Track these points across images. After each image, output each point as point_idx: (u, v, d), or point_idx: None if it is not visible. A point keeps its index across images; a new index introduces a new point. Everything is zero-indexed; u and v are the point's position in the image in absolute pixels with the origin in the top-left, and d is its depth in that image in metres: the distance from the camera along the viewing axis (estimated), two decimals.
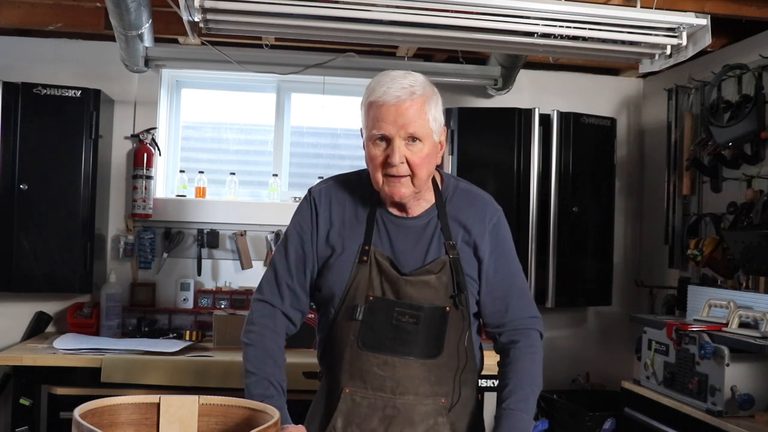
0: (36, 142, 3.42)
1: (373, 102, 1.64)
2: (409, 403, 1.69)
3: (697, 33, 2.75)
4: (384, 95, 1.62)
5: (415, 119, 1.62)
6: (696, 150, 3.64)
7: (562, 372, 4.09)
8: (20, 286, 3.45)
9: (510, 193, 3.74)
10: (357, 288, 1.70)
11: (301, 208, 1.81)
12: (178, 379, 3.03)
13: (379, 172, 1.66)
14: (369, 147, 1.66)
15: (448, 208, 1.76)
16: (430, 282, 1.69)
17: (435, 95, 1.69)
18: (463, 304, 1.71)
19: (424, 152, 1.65)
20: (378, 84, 1.64)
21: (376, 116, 1.63)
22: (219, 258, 3.93)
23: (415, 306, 1.68)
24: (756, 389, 2.69)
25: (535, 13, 2.66)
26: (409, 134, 1.62)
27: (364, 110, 1.67)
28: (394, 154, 1.62)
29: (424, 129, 1.64)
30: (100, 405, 1.25)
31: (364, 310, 1.68)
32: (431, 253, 1.72)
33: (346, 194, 1.79)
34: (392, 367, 1.69)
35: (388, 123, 1.62)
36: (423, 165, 1.65)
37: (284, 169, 4.18)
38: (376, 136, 1.63)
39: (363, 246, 1.71)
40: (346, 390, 1.71)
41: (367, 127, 1.66)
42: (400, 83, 1.63)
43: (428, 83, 1.69)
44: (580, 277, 3.85)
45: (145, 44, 3.44)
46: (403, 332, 1.68)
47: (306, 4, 2.59)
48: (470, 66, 3.89)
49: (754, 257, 2.99)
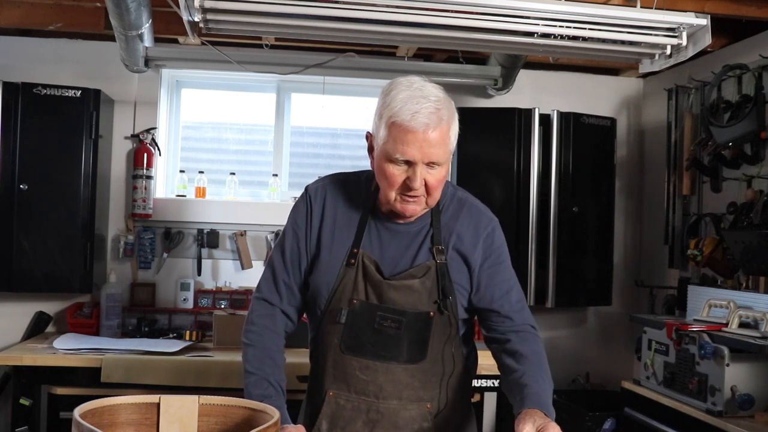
0: (36, 142, 3.42)
1: (398, 124, 1.57)
2: (393, 407, 1.68)
3: (697, 33, 2.75)
4: (412, 120, 1.55)
5: (440, 146, 1.59)
6: (696, 150, 3.64)
7: (562, 372, 4.08)
8: (20, 286, 3.45)
9: (510, 193, 3.74)
10: (342, 291, 1.69)
11: (297, 206, 1.80)
12: (178, 379, 3.03)
13: (393, 191, 1.63)
14: (386, 165, 1.61)
15: (442, 216, 1.74)
16: (413, 286, 1.68)
17: (455, 114, 1.65)
18: (448, 309, 1.69)
19: (441, 174, 1.63)
20: (404, 104, 1.57)
21: (401, 139, 1.57)
22: (219, 258, 3.93)
23: (398, 311, 1.67)
24: (756, 389, 2.69)
25: (535, 13, 2.66)
26: (432, 161, 1.59)
27: (385, 125, 1.59)
28: (415, 179, 1.59)
29: (447, 155, 1.62)
30: (100, 405, 1.25)
31: (347, 314, 1.68)
32: (419, 258, 1.71)
33: (342, 194, 1.77)
34: (374, 371, 1.68)
35: (414, 149, 1.57)
36: (439, 186, 1.65)
37: (284, 169, 4.18)
38: (400, 160, 1.59)
39: (352, 249, 1.70)
40: (330, 393, 1.70)
41: (386, 145, 1.59)
42: (428, 108, 1.56)
43: (449, 100, 1.64)
44: (580, 277, 3.84)
45: (145, 44, 3.44)
46: (385, 337, 1.67)
47: (306, 4, 2.59)
48: (470, 66, 3.89)
49: (754, 257, 2.99)
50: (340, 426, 1.69)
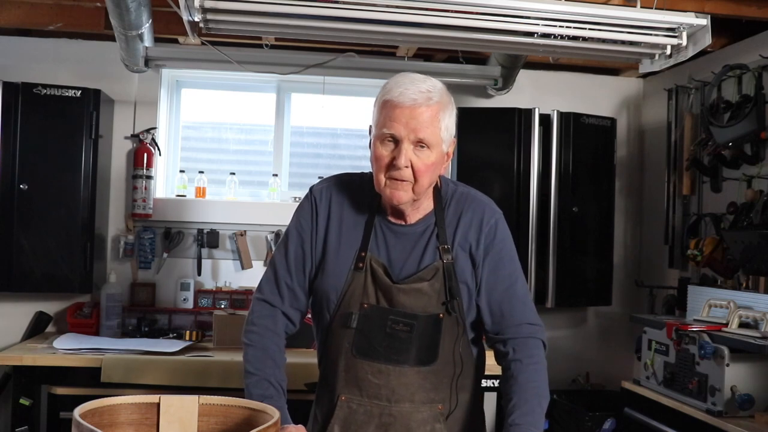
0: (36, 142, 3.42)
1: (388, 101, 1.62)
2: (405, 410, 1.68)
3: (697, 33, 2.75)
4: (400, 96, 1.60)
5: (427, 125, 1.60)
6: (696, 150, 3.63)
7: (562, 372, 4.08)
8: (20, 286, 3.45)
9: (510, 193, 3.74)
10: (352, 295, 1.69)
11: (302, 207, 1.80)
12: (178, 379, 3.03)
13: (382, 173, 1.64)
14: (376, 146, 1.64)
15: (446, 213, 1.74)
16: (422, 289, 1.68)
17: (451, 105, 1.67)
18: (455, 310, 1.69)
19: (430, 160, 1.63)
20: (396, 84, 1.63)
21: (388, 115, 1.61)
22: (219, 258, 3.93)
23: (410, 314, 1.67)
24: (756, 389, 2.69)
25: (535, 13, 2.66)
26: (418, 139, 1.60)
27: (378, 107, 1.65)
28: (400, 156, 1.60)
29: (435, 137, 1.62)
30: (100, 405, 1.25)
31: (358, 318, 1.67)
32: (426, 259, 1.70)
33: (347, 196, 1.77)
34: (387, 375, 1.68)
35: (400, 124, 1.60)
36: (427, 173, 1.63)
37: (284, 169, 4.18)
38: (386, 135, 1.61)
39: (359, 252, 1.70)
40: (342, 397, 1.70)
41: (378, 125, 1.64)
42: (418, 86, 1.61)
43: (446, 92, 1.67)
44: (580, 277, 3.84)
45: (145, 44, 3.44)
46: (396, 340, 1.67)
47: (306, 4, 2.59)
48: (470, 66, 3.89)
49: (754, 257, 2.99)
50: (353, 430, 1.69)
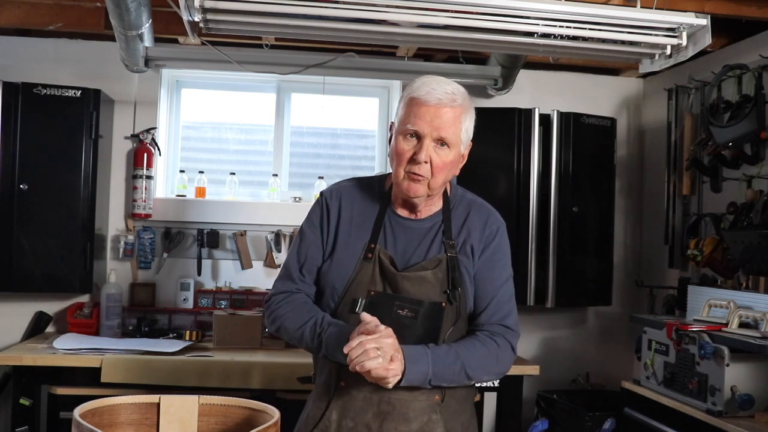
0: (36, 142, 3.42)
1: (414, 98, 1.71)
2: (404, 399, 1.71)
3: (697, 33, 2.75)
4: (426, 95, 1.69)
5: (449, 125, 1.69)
6: (696, 150, 3.63)
7: (562, 372, 4.08)
8: (20, 286, 3.45)
9: (510, 193, 3.75)
10: (360, 283, 1.74)
11: (313, 209, 1.88)
12: (178, 379, 3.03)
13: (402, 167, 1.71)
14: (398, 141, 1.72)
15: (453, 213, 1.82)
16: (426, 277, 1.73)
17: (472, 110, 1.77)
18: (456, 300, 1.74)
19: (448, 158, 1.71)
20: (423, 83, 1.72)
21: (414, 112, 1.69)
22: (219, 258, 3.93)
23: (415, 300, 1.72)
24: (756, 389, 2.69)
25: (535, 13, 2.66)
26: (440, 137, 1.69)
27: (403, 104, 1.73)
28: (421, 152, 1.68)
29: (455, 137, 1.71)
30: (100, 405, 1.26)
31: (365, 304, 1.71)
32: (431, 252, 1.77)
33: (357, 194, 1.85)
34: None
35: (424, 121, 1.68)
36: (443, 170, 1.72)
37: (284, 169, 4.18)
38: (410, 130, 1.70)
39: (369, 244, 1.76)
40: (342, 383, 1.73)
41: (402, 121, 1.72)
42: (444, 88, 1.71)
43: (468, 97, 1.76)
44: (580, 277, 3.84)
45: (145, 44, 3.44)
46: (401, 327, 1.69)
47: (306, 4, 2.59)
48: (470, 66, 3.89)
49: (754, 257, 2.99)
50: (350, 417, 1.72)
